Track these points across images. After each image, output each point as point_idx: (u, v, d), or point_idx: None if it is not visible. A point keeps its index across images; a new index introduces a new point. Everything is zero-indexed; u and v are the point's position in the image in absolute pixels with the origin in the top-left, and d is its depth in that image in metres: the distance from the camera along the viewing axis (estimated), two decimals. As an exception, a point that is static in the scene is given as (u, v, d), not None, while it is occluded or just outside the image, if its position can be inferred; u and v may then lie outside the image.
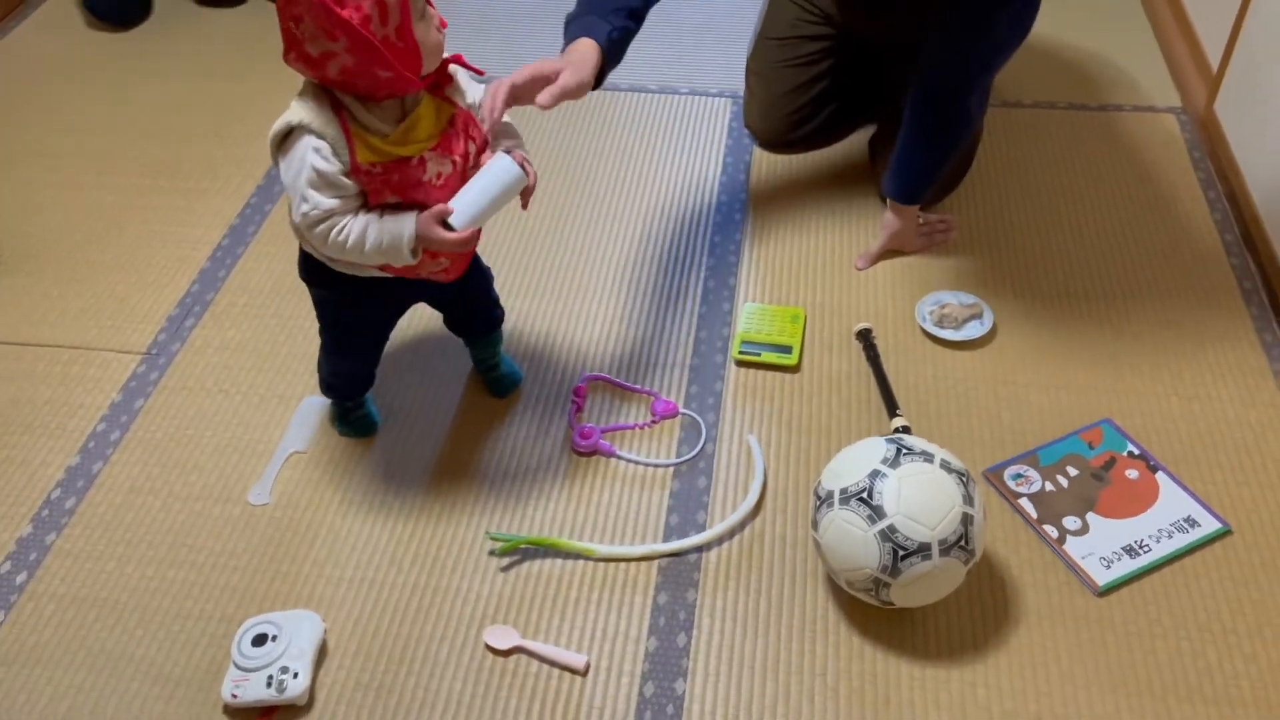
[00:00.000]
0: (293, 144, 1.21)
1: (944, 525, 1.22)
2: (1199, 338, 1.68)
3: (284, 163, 1.23)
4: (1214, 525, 1.41)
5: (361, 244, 1.23)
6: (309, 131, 1.20)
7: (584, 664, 1.31)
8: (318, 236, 1.23)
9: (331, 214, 1.22)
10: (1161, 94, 2.20)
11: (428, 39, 1.20)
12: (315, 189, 1.21)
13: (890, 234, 1.85)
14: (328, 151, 1.20)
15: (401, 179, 1.23)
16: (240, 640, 1.30)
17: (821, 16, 1.97)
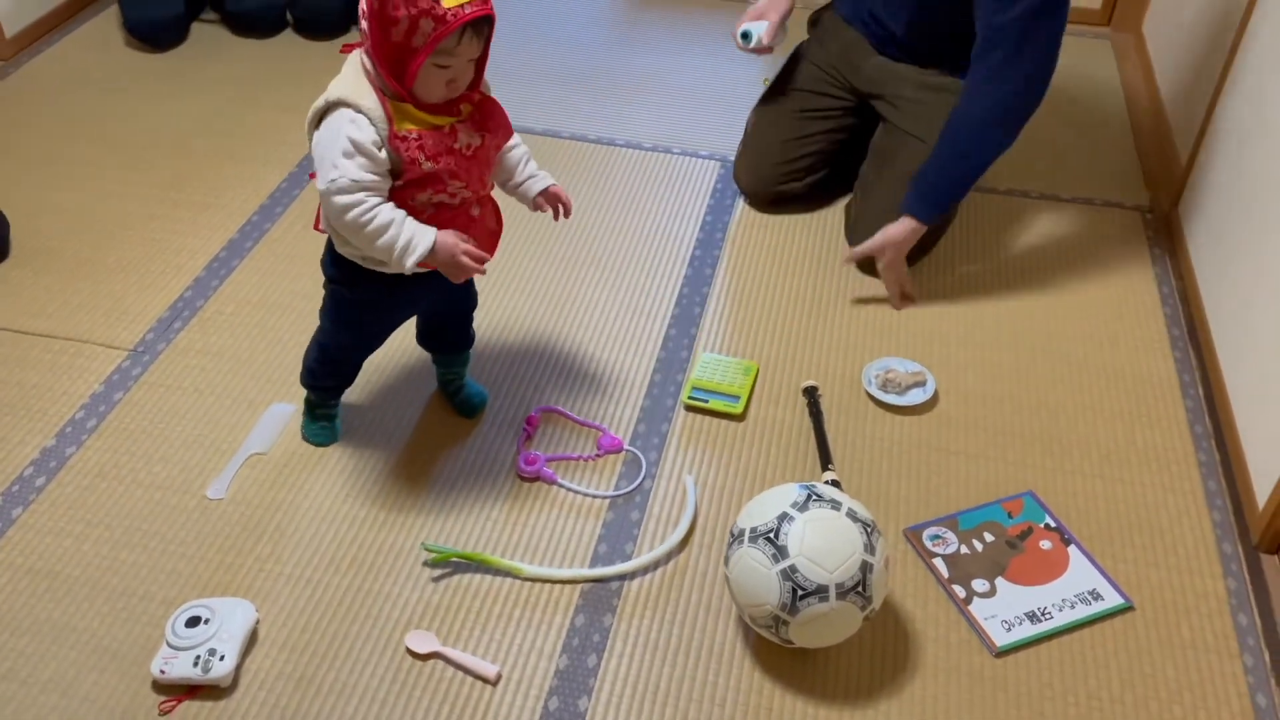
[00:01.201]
0: (332, 116, 1.30)
1: (842, 570, 1.28)
2: (1132, 424, 1.74)
3: (319, 136, 1.31)
4: (1116, 600, 1.46)
5: (380, 231, 1.31)
6: (346, 105, 1.28)
7: (495, 674, 1.37)
8: (338, 207, 1.30)
9: (360, 187, 1.29)
10: (1132, 192, 2.29)
11: (430, 87, 1.29)
12: (347, 157, 1.28)
13: (886, 238, 1.90)
14: (364, 122, 1.28)
15: (435, 144, 1.32)
16: (175, 620, 1.38)
17: (841, 82, 2.09)
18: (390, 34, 1.24)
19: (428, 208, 1.37)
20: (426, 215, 1.37)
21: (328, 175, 1.30)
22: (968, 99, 1.84)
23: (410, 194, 1.35)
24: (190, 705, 1.34)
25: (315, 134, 1.33)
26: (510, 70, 2.70)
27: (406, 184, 1.34)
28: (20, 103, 2.53)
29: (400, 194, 1.34)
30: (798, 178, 2.14)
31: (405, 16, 1.23)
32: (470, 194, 1.40)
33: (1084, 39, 2.87)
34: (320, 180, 1.31)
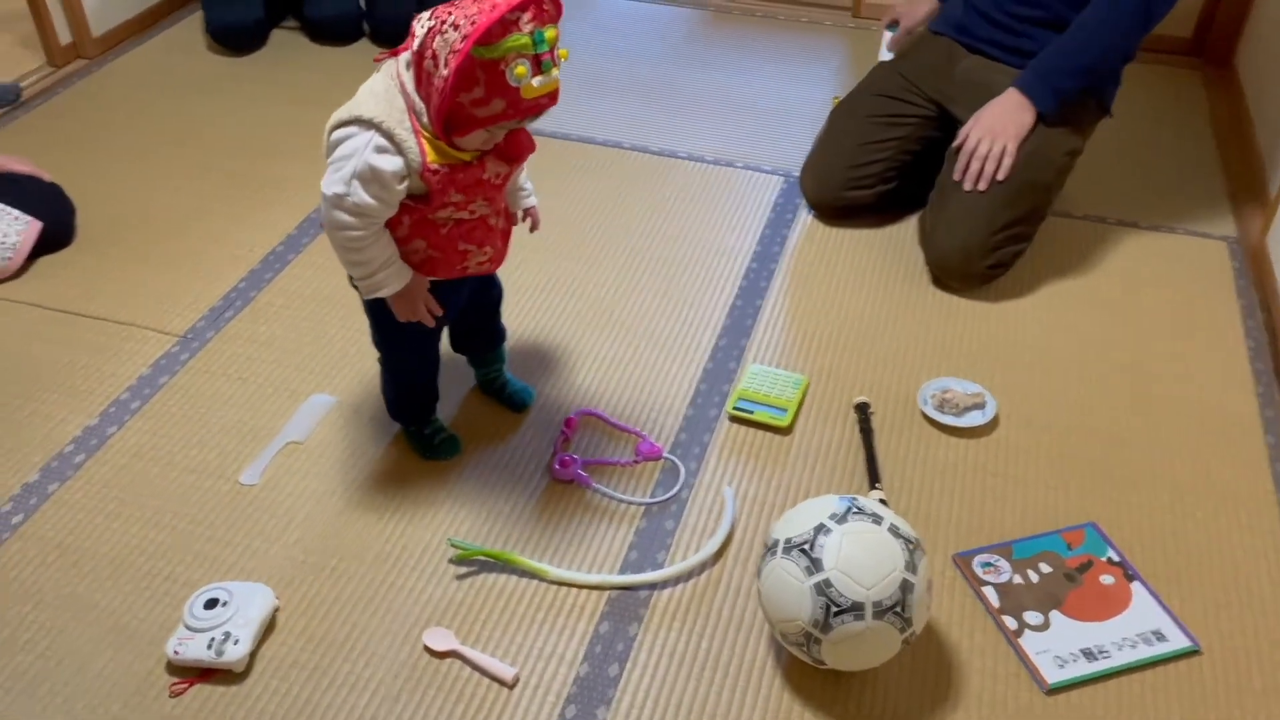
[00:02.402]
0: (356, 132, 1.26)
1: (881, 587, 1.21)
2: (1207, 460, 1.63)
3: (340, 139, 1.27)
4: (1183, 642, 1.36)
5: (359, 264, 1.33)
6: (377, 129, 1.25)
7: (513, 676, 1.32)
8: (335, 221, 1.29)
9: (362, 212, 1.27)
10: (1217, 223, 2.17)
11: (471, 143, 1.28)
12: (362, 183, 1.26)
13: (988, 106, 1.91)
14: (392, 153, 1.25)
15: (465, 178, 1.30)
16: (194, 602, 1.35)
17: (922, 92, 2.05)
18: (460, 95, 1.20)
19: (448, 223, 1.36)
20: (447, 229, 1.36)
21: (335, 188, 1.27)
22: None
23: (433, 210, 1.33)
24: (202, 689, 1.31)
25: (336, 134, 1.28)
26: (578, 79, 2.69)
27: (432, 205, 1.32)
28: (102, 99, 2.59)
29: (422, 208, 1.33)
30: (867, 184, 2.08)
31: (482, 89, 1.19)
32: (488, 210, 1.39)
33: (1174, 69, 2.76)
34: (327, 184, 1.28)
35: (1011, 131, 1.89)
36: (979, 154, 1.89)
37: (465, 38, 1.17)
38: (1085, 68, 1.88)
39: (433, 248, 1.37)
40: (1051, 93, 1.89)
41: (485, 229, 1.40)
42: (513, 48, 1.17)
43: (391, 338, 1.52)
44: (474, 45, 1.16)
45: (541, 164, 2.33)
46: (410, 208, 1.32)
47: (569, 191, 2.26)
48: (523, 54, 1.18)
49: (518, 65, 1.18)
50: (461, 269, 1.42)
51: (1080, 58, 1.87)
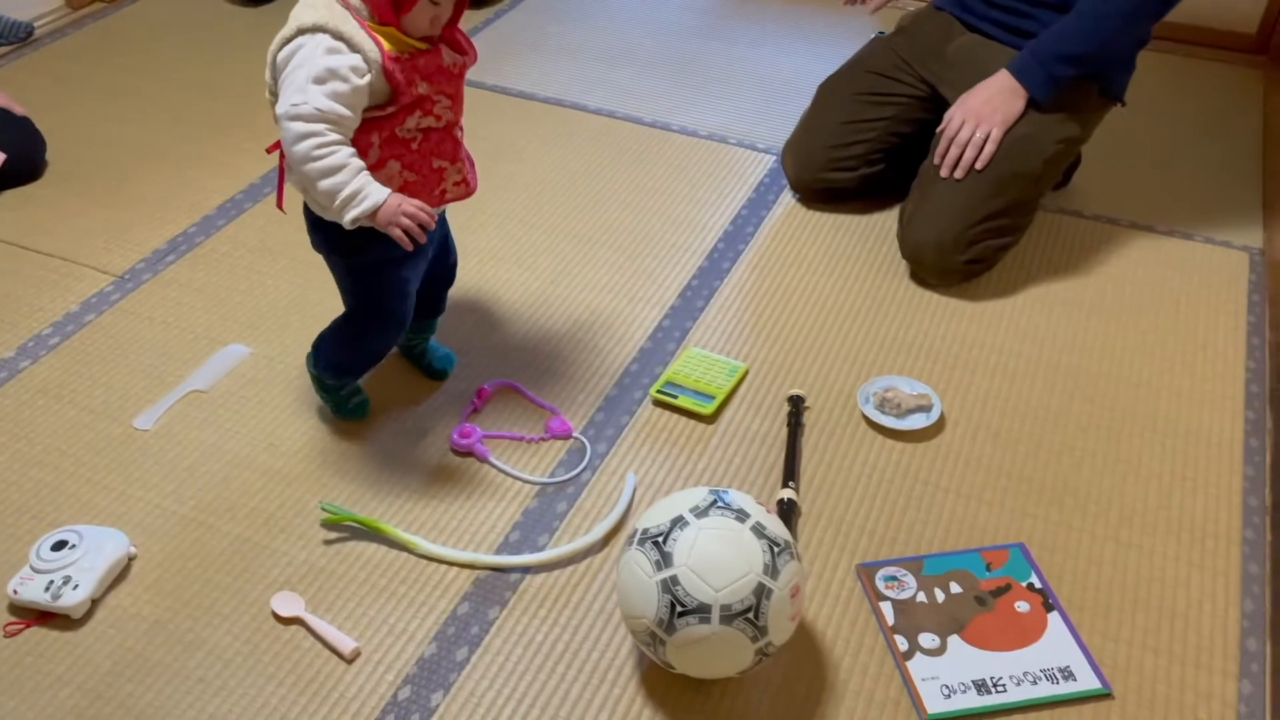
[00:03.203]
0: (304, 41, 1.19)
1: (731, 590, 1.09)
2: (1170, 485, 1.47)
3: (286, 59, 1.20)
4: (1092, 683, 1.21)
5: (330, 171, 1.20)
6: (324, 30, 1.18)
7: (351, 650, 1.24)
8: (294, 134, 1.19)
9: (323, 117, 1.18)
10: (1243, 231, 1.98)
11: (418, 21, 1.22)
12: (318, 83, 1.18)
13: (976, 87, 1.77)
14: (345, 50, 1.18)
15: (426, 64, 1.24)
16: (42, 543, 1.31)
17: (914, 71, 1.91)
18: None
19: (416, 134, 1.29)
20: (417, 143, 1.29)
21: (290, 99, 1.18)
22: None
23: (400, 120, 1.26)
24: (38, 632, 1.27)
25: (282, 52, 1.22)
26: (590, 49, 2.59)
27: (398, 109, 1.25)
28: (110, 42, 2.59)
29: (390, 121, 1.25)
30: (849, 166, 1.94)
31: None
32: (452, 115, 1.32)
33: (1234, 67, 2.54)
34: (281, 104, 1.20)
35: (998, 118, 1.73)
36: (960, 140, 1.74)
37: None
38: (1086, 55, 1.71)
39: (407, 168, 1.30)
40: (1046, 79, 1.72)
41: (453, 141, 1.34)
42: None
43: (373, 295, 1.41)
44: None
45: (526, 129, 2.26)
46: (376, 122, 1.25)
47: (548, 158, 2.17)
48: None
49: None
50: (441, 193, 1.35)
51: (1081, 44, 1.71)
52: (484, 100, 2.37)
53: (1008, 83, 1.75)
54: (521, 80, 2.45)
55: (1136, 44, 1.79)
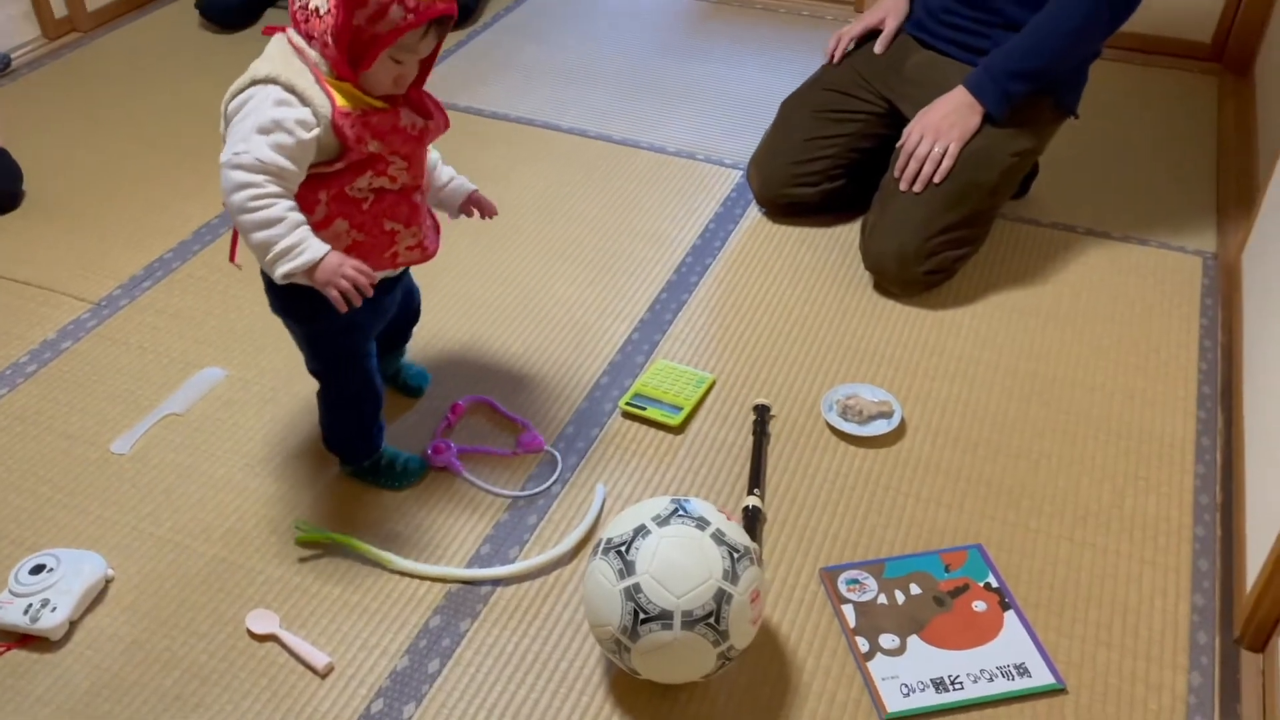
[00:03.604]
0: (254, 91, 1.19)
1: (692, 596, 1.13)
2: (1124, 485, 1.51)
3: (235, 109, 1.20)
4: (1046, 679, 1.25)
5: (265, 224, 1.18)
6: (275, 83, 1.18)
7: (325, 665, 1.27)
8: (233, 183, 1.18)
9: (264, 169, 1.17)
10: (1197, 236, 2.03)
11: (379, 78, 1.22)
12: (262, 133, 1.16)
13: (934, 103, 1.81)
14: (295, 102, 1.17)
15: (380, 123, 1.23)
16: (20, 567, 1.34)
17: (873, 87, 1.96)
18: (355, 16, 1.15)
19: (368, 194, 1.27)
20: (369, 204, 1.27)
21: (233, 148, 1.17)
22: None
23: (350, 178, 1.24)
24: (17, 654, 1.29)
25: (231, 107, 1.21)
26: (560, 67, 2.64)
27: (348, 167, 1.23)
28: (87, 71, 2.62)
29: (339, 179, 1.24)
30: (811, 182, 1.98)
31: (375, 1, 1.15)
32: (410, 179, 1.30)
33: (1191, 74, 2.60)
34: (224, 152, 1.18)
35: (955, 133, 1.78)
36: (919, 154, 1.79)
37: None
38: (1037, 71, 1.76)
39: (356, 228, 1.27)
40: (1001, 95, 1.77)
41: (410, 205, 1.32)
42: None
43: (329, 353, 1.39)
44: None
45: (499, 148, 2.30)
46: (324, 179, 1.23)
47: (518, 177, 2.21)
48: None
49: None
50: (392, 255, 1.32)
51: (1033, 61, 1.76)
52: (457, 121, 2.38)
53: (964, 99, 1.79)
54: (494, 100, 2.49)
55: (1086, 59, 1.84)
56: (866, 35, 2.02)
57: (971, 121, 1.79)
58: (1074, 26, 1.73)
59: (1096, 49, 1.84)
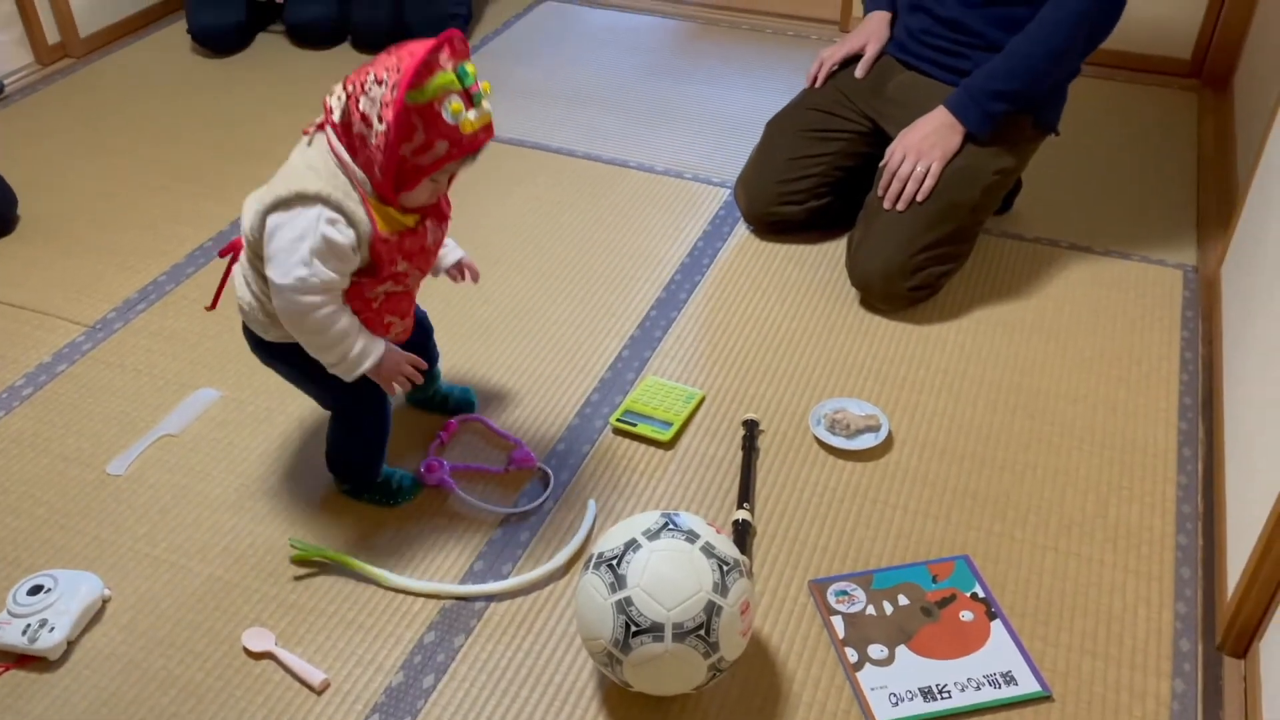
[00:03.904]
0: (300, 210, 1.22)
1: (683, 609, 1.14)
2: (1107, 495, 1.53)
3: (283, 224, 1.22)
4: (1033, 687, 1.27)
5: (340, 338, 1.28)
6: (325, 203, 1.22)
7: (321, 682, 1.28)
8: (303, 305, 1.24)
9: (330, 289, 1.25)
10: (1178, 250, 2.06)
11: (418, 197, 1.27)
12: (321, 259, 1.22)
13: (915, 123, 1.84)
14: (343, 224, 1.22)
15: (412, 244, 1.30)
16: (19, 588, 1.35)
17: (857, 107, 1.99)
18: (402, 148, 1.20)
19: (379, 296, 1.34)
20: (378, 302, 1.34)
21: (296, 272, 1.22)
22: (1048, 7, 1.77)
23: (370, 286, 1.31)
24: (16, 675, 1.30)
25: (276, 219, 1.22)
26: (550, 89, 2.67)
27: (371, 278, 1.30)
28: (80, 97, 2.65)
29: (359, 286, 1.29)
30: (797, 200, 2.01)
31: (422, 134, 1.20)
32: (417, 282, 1.40)
33: (1171, 90, 2.64)
34: (283, 274, 1.22)
35: (937, 152, 1.81)
36: (901, 174, 1.82)
37: (395, 87, 1.17)
38: (1016, 92, 1.80)
39: (361, 322, 1.33)
40: (981, 115, 1.81)
41: (408, 300, 1.41)
42: (442, 85, 1.18)
43: (351, 395, 1.40)
44: (406, 92, 1.16)
45: (489, 169, 2.33)
46: (352, 283, 1.29)
47: (511, 197, 2.23)
48: (452, 90, 1.19)
49: (452, 102, 1.19)
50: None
51: (1012, 82, 1.79)
52: (446, 143, 2.43)
53: (945, 119, 1.83)
54: (483, 122, 2.52)
55: (1065, 79, 1.87)
56: (848, 60, 2.05)
57: (953, 141, 1.82)
58: (1053, 49, 1.77)
59: (1075, 69, 1.87)
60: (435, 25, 2.81)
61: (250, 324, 1.37)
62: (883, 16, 2.04)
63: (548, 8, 3.15)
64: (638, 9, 3.14)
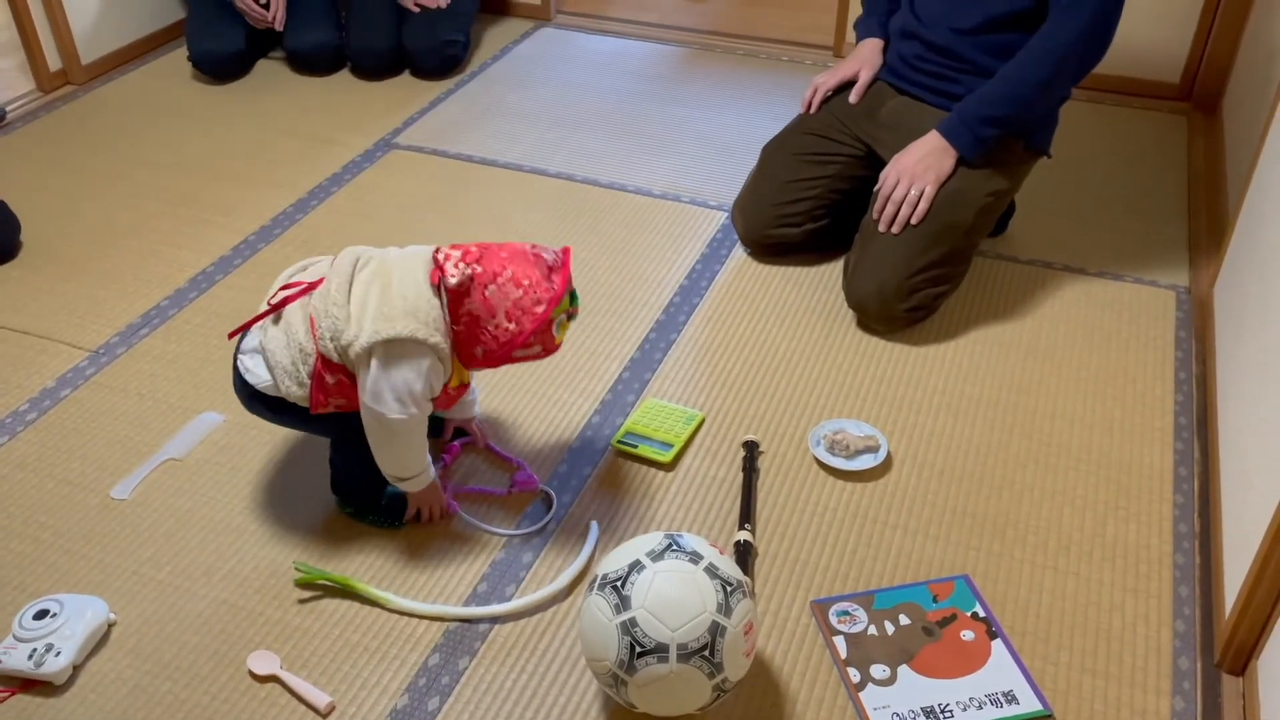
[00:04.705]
0: (420, 355, 1.34)
1: (687, 629, 1.15)
2: (1104, 515, 1.55)
3: (397, 365, 1.33)
4: (1034, 706, 1.28)
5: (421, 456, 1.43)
6: (437, 354, 1.35)
7: (326, 705, 1.29)
8: (400, 427, 1.37)
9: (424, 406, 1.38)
10: (1171, 273, 2.08)
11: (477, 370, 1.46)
12: (425, 399, 1.37)
13: (910, 147, 1.87)
14: (441, 374, 1.38)
15: (456, 394, 1.47)
16: (25, 612, 1.35)
17: (851, 131, 2.02)
18: (518, 350, 1.37)
19: None
20: None
21: (406, 407, 1.35)
22: (1038, 37, 1.80)
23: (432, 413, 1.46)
24: (22, 699, 1.31)
25: (402, 347, 1.32)
26: (548, 114, 2.69)
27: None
28: (82, 123, 2.67)
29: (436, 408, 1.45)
30: (795, 223, 2.04)
31: (536, 342, 1.37)
32: None
33: (1161, 114, 2.68)
34: (393, 408, 1.34)
35: (931, 175, 1.84)
36: (896, 197, 1.84)
37: (540, 302, 1.35)
38: (1007, 117, 1.82)
39: None
40: (973, 139, 1.83)
41: None
42: (563, 308, 1.38)
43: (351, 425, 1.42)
44: (553, 309, 1.36)
45: (488, 193, 2.35)
46: None
47: (510, 221, 2.25)
48: (565, 311, 1.39)
49: (563, 321, 1.39)
50: None
51: (1003, 106, 1.82)
52: (447, 168, 2.46)
53: (938, 143, 1.85)
54: (483, 147, 2.55)
55: (1056, 104, 1.90)
56: (841, 86, 2.08)
57: (946, 164, 1.84)
58: (1044, 76, 1.79)
59: (1065, 94, 1.90)
60: (434, 52, 2.85)
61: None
62: (875, 44, 2.07)
63: (546, 33, 3.18)
64: (635, 35, 3.17)
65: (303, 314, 1.37)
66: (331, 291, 1.35)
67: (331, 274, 1.37)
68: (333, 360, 1.35)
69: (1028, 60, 1.80)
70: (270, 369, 1.38)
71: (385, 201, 2.33)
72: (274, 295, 1.42)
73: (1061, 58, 1.78)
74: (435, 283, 1.35)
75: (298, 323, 1.37)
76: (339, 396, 1.38)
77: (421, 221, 2.25)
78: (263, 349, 1.39)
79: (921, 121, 1.89)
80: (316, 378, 1.36)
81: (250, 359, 1.41)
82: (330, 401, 1.38)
